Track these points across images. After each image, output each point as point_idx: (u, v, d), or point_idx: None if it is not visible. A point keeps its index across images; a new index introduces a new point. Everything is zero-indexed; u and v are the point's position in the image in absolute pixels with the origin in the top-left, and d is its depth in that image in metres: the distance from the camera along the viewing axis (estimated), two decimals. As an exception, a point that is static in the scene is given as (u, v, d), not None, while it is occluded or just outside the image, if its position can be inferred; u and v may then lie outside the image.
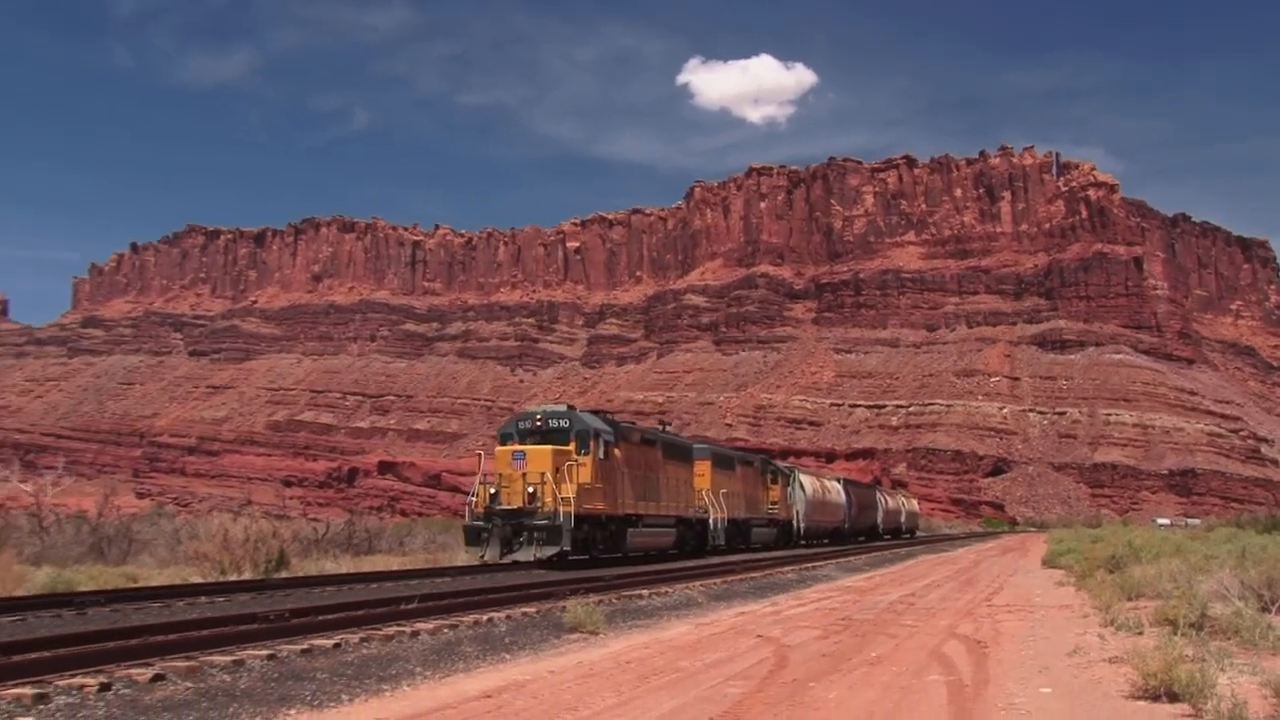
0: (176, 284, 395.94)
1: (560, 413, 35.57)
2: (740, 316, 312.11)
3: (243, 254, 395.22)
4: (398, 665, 12.98)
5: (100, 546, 35.03)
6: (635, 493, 37.90)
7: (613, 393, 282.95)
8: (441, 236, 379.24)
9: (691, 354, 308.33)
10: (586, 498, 32.90)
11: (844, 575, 35.92)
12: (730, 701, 10.90)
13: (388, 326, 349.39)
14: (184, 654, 12.40)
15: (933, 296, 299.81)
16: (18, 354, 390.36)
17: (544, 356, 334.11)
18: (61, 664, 11.30)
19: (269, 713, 10.25)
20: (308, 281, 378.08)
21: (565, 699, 11.03)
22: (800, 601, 24.72)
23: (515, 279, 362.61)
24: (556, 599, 20.70)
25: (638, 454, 39.01)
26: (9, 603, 18.57)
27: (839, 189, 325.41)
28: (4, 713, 9.56)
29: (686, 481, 44.88)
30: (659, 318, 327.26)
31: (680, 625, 18.85)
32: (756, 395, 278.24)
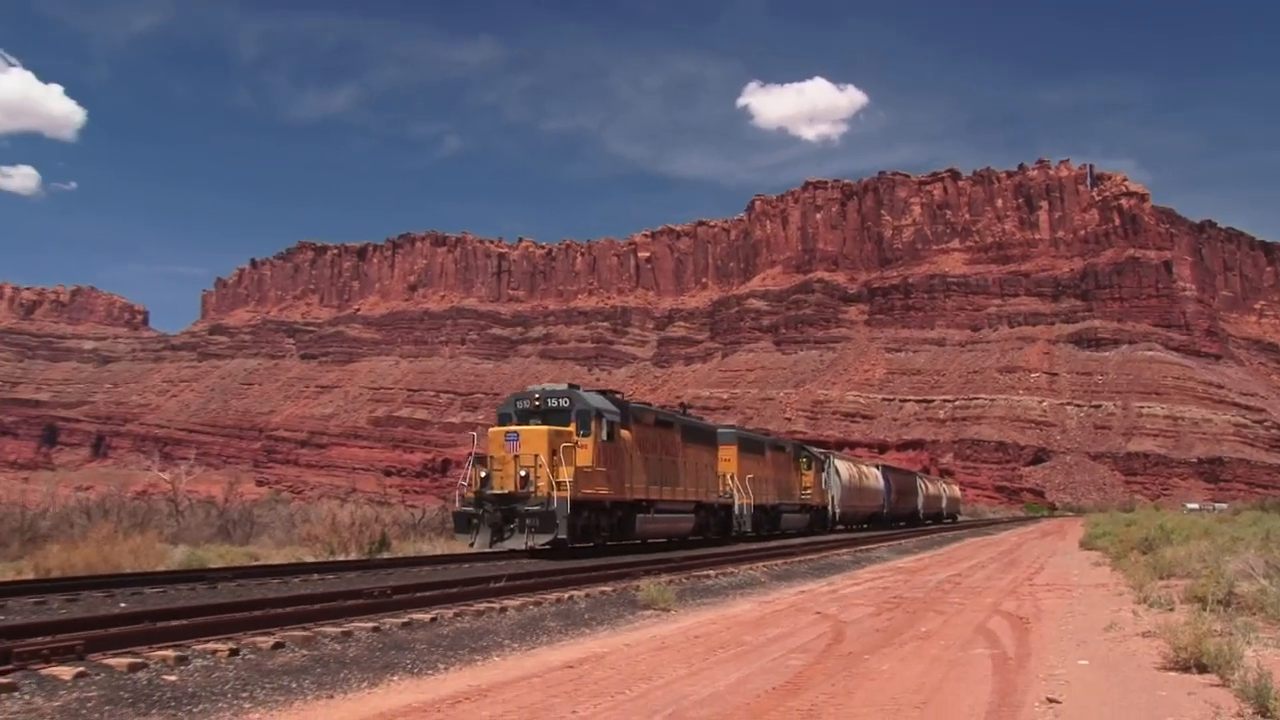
0: (290, 294, 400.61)
1: (560, 392, 30.79)
2: (798, 319, 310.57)
3: (347, 267, 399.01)
4: (488, 638, 13.07)
5: (226, 528, 35.54)
6: (649, 477, 33.47)
7: (681, 390, 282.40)
8: (524, 248, 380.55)
9: (753, 354, 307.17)
10: (587, 482, 28.78)
11: (895, 557, 35.65)
12: (792, 672, 10.90)
13: (476, 331, 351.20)
14: (300, 625, 12.62)
15: (976, 299, 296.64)
16: (156, 358, 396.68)
17: (618, 357, 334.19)
18: (197, 631, 11.59)
19: (375, 678, 10.40)
20: (405, 291, 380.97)
21: (640, 669, 11.08)
22: (855, 581, 24.60)
23: (591, 286, 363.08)
24: (631, 579, 20.73)
25: (652, 436, 34.49)
26: (154, 577, 19.00)
27: (889, 200, 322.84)
28: (152, 671, 9.82)
29: (709, 466, 40.11)
30: (723, 320, 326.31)
31: (745, 603, 18.82)
32: (814, 391, 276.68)
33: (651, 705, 9.14)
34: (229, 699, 9.18)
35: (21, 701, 8.61)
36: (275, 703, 9.21)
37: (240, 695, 9.32)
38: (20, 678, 9.17)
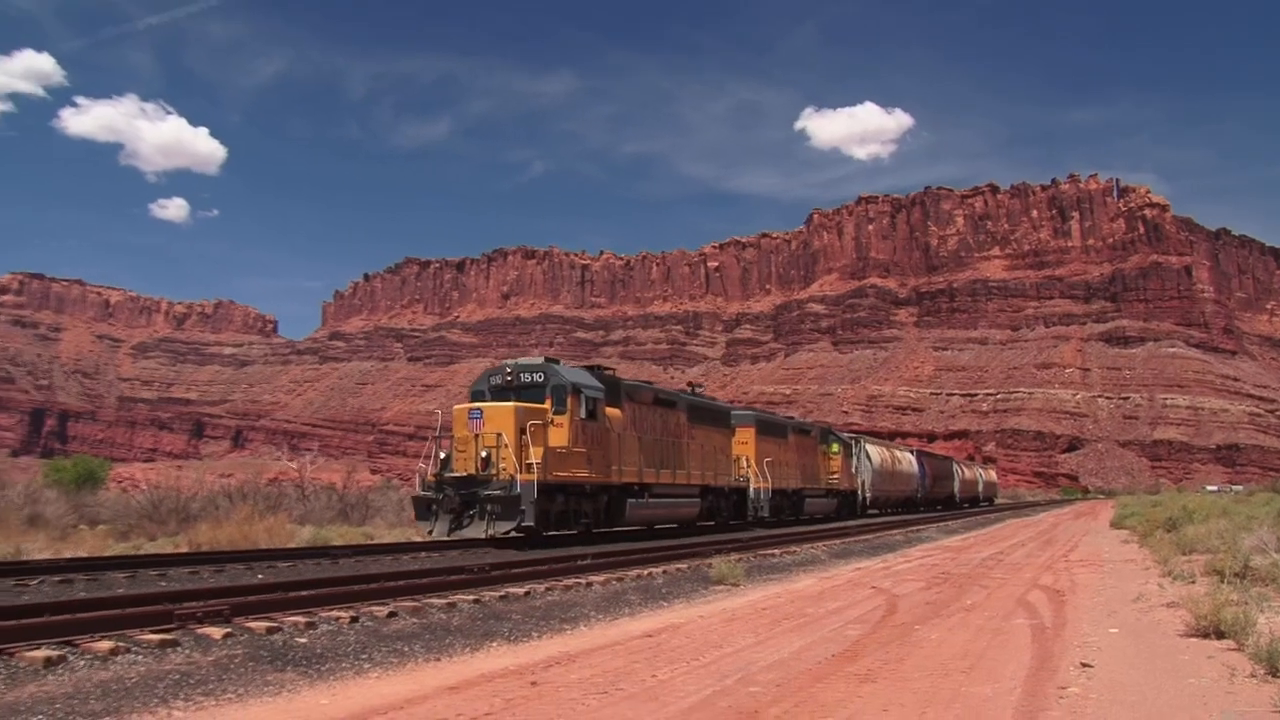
0: (398, 304, 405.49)
1: (534, 365, 25.65)
2: (854, 321, 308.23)
3: (448, 278, 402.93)
4: (575, 610, 13.15)
5: (345, 511, 36.09)
6: (645, 459, 28.59)
7: (748, 386, 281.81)
8: (605, 260, 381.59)
9: (813, 353, 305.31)
10: (560, 463, 23.95)
11: (943, 537, 35.31)
12: (849, 641, 10.88)
13: (562, 335, 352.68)
14: (410, 596, 12.81)
15: (1015, 301, 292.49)
16: (284, 362, 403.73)
17: (690, 357, 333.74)
18: (323, 600, 11.83)
19: (476, 644, 10.55)
20: (499, 299, 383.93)
21: (712, 638, 11.12)
22: (906, 559, 24.42)
23: (666, 293, 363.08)
24: (703, 557, 20.77)
25: (650, 416, 29.75)
26: (285, 553, 19.40)
27: (934, 212, 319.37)
28: (286, 634, 10.07)
29: (722, 449, 35.22)
30: (785, 323, 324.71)
31: (807, 578, 18.77)
32: (868, 387, 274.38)
33: (723, 670, 9.19)
34: (351, 659, 9.39)
35: (183, 655, 8.97)
36: (390, 664, 9.40)
37: (360, 656, 9.53)
38: (180, 635, 9.54)
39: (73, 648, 8.76)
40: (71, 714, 6.98)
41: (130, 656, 8.77)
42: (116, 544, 24.85)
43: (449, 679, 8.67)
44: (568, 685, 8.44)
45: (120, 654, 8.77)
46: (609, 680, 8.66)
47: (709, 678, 8.81)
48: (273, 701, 7.74)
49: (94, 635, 9.16)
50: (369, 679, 8.75)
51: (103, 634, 9.23)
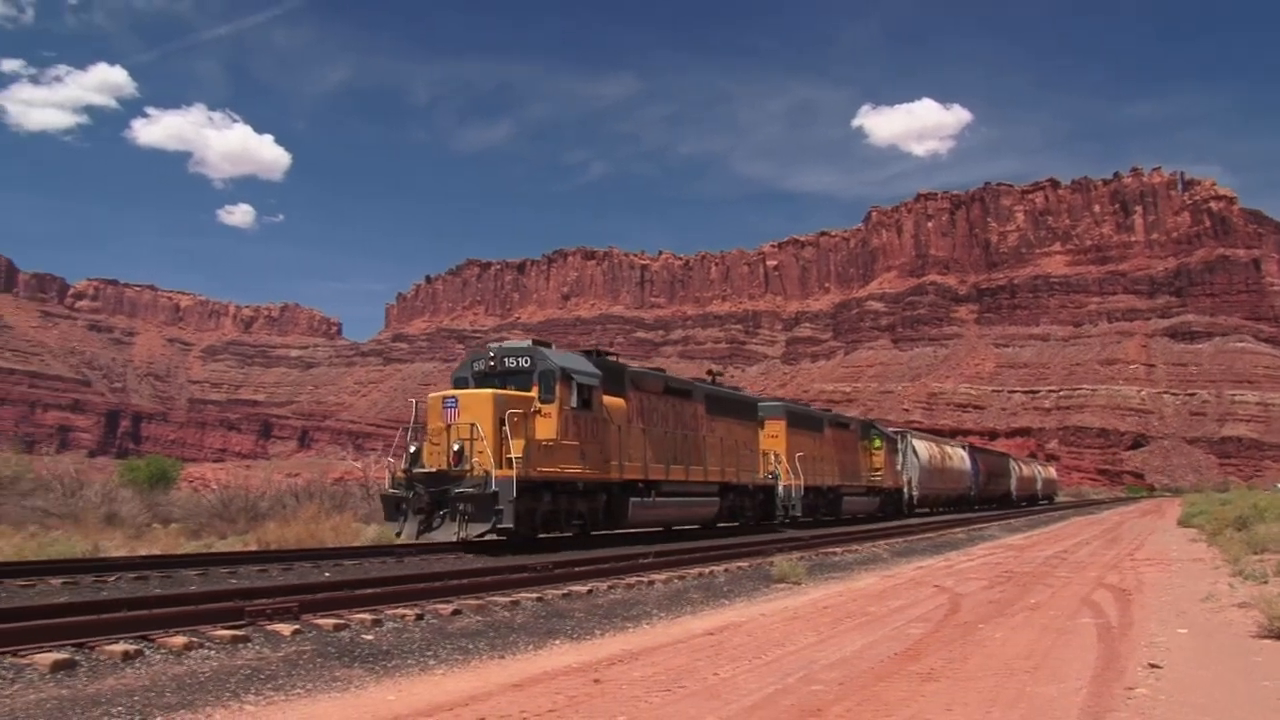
0: (460, 305, 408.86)
1: (520, 349, 23.05)
2: (913, 318, 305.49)
3: (508, 280, 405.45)
4: (638, 608, 13.19)
5: (409, 511, 36.31)
6: (653, 453, 25.90)
7: (808, 384, 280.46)
8: (665, 260, 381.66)
9: (873, 351, 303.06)
10: (546, 457, 21.39)
11: (1006, 535, 34.89)
12: (912, 640, 10.80)
13: (623, 335, 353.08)
14: (474, 595, 12.90)
15: (1077, 297, 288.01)
16: (348, 363, 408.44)
17: (750, 356, 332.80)
18: (389, 598, 11.97)
19: (539, 642, 10.61)
20: (559, 300, 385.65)
21: (774, 636, 11.09)
22: (969, 557, 24.19)
23: (725, 293, 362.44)
24: (765, 555, 20.71)
25: (661, 407, 26.88)
26: (351, 551, 19.64)
27: (994, 209, 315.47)
28: (353, 631, 10.21)
29: (747, 443, 32.31)
30: (845, 321, 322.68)
31: (869, 577, 18.66)
32: (929, 384, 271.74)
33: (785, 668, 9.16)
34: (416, 656, 9.49)
35: (253, 651, 9.14)
36: (455, 661, 9.48)
37: (425, 653, 9.63)
38: (251, 631, 9.71)
39: (149, 642, 8.96)
40: (149, 707, 7.13)
41: (203, 652, 8.95)
42: (188, 542, 25.35)
43: (513, 676, 8.74)
44: (630, 683, 8.47)
45: (194, 649, 8.95)
46: (671, 678, 8.67)
47: (771, 676, 8.79)
48: (340, 697, 7.85)
49: (169, 631, 9.35)
50: (434, 676, 8.84)
51: (177, 629, 9.43)
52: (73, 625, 9.07)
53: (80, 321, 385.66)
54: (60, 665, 7.99)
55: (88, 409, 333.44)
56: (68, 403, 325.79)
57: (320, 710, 7.37)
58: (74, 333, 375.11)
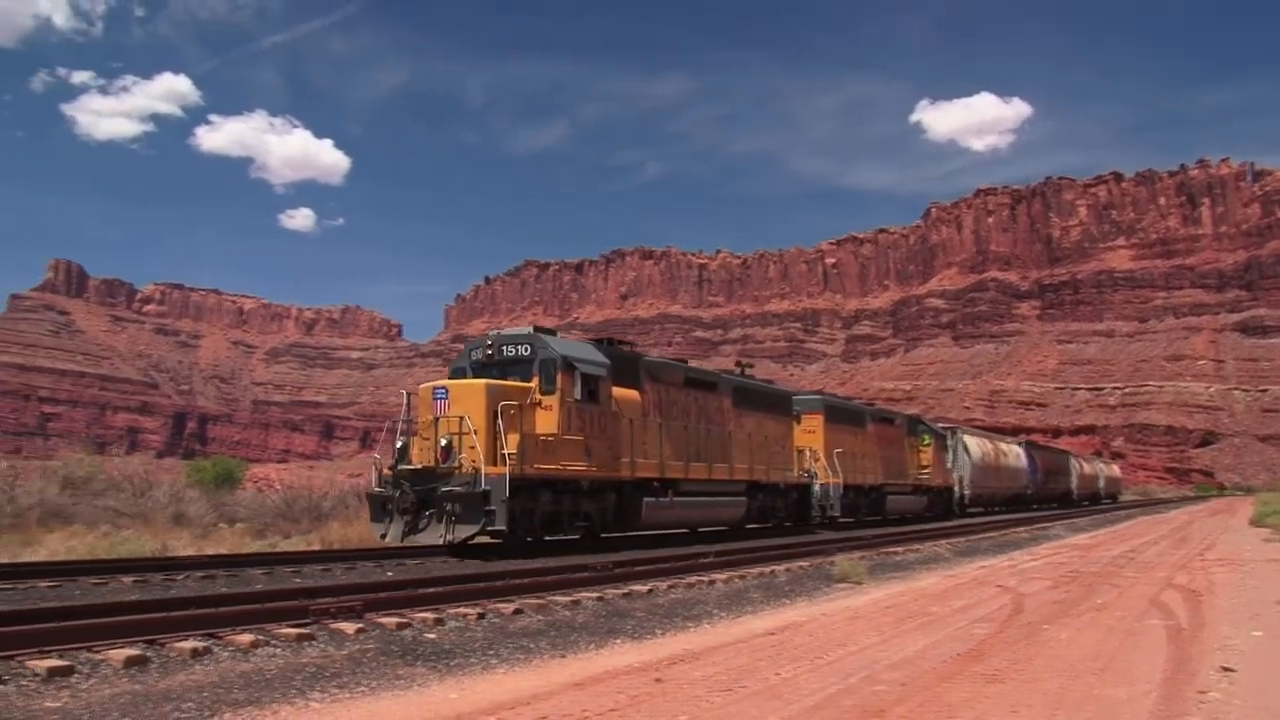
0: (518, 306, 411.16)
1: (520, 336, 21.43)
2: (974, 315, 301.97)
3: (566, 280, 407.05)
4: (698, 608, 13.20)
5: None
6: (672, 450, 24.28)
7: (867, 383, 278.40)
8: (722, 259, 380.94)
9: (933, 348, 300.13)
10: (545, 454, 19.80)
11: (1070, 534, 34.39)
12: (975, 640, 10.69)
13: (681, 334, 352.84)
14: (535, 594, 12.98)
15: (1143, 292, 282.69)
16: (408, 364, 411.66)
17: (809, 355, 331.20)
18: (450, 597, 12.11)
19: (600, 641, 10.65)
20: (617, 300, 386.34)
21: (836, 636, 11.04)
22: (1033, 557, 23.89)
23: (784, 291, 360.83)
24: (826, 555, 20.62)
25: (680, 400, 25.27)
26: (413, 550, 19.78)
27: (1056, 203, 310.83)
28: (416, 630, 10.33)
29: (780, 439, 30.65)
30: (905, 319, 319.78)
31: (930, 577, 18.51)
32: (990, 382, 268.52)
33: (847, 669, 9.10)
34: (478, 655, 9.56)
35: (318, 649, 9.28)
36: (517, 660, 9.54)
37: (488, 652, 9.69)
38: (315, 630, 9.86)
39: (217, 640, 9.13)
40: (218, 702, 7.26)
41: (269, 649, 9.11)
42: (253, 541, 25.76)
43: (574, 675, 8.77)
44: (692, 683, 8.47)
45: (260, 647, 9.11)
46: (733, 678, 8.66)
47: (833, 676, 8.75)
48: (404, 695, 7.93)
49: (236, 628, 9.54)
50: (496, 674, 8.90)
51: (244, 627, 9.61)
52: (144, 622, 9.28)
53: (148, 325, 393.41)
54: (133, 661, 8.19)
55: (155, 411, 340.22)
56: (136, 405, 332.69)
57: (384, 708, 7.45)
58: (142, 336, 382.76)
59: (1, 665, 7.72)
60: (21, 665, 7.81)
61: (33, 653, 8.08)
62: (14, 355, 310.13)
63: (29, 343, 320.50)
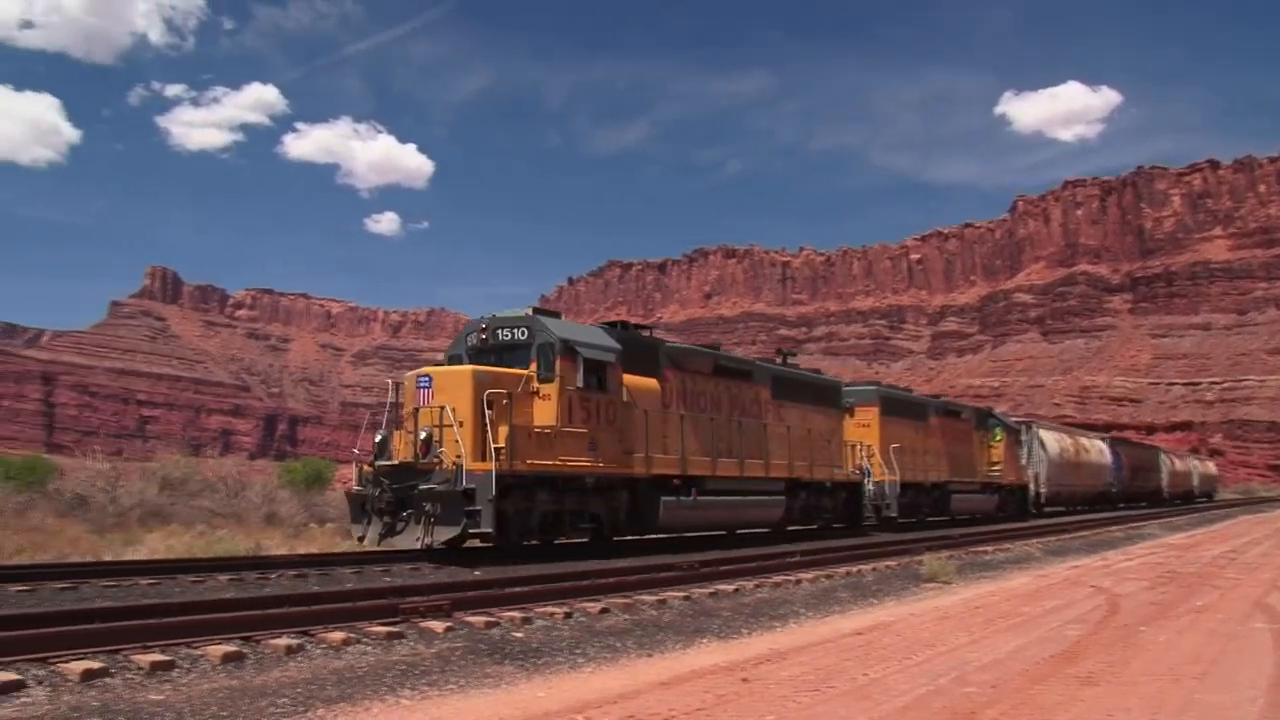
0: (602, 306, 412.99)
1: (517, 319, 19.55)
2: (1064, 310, 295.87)
3: (650, 280, 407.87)
4: (785, 607, 13.16)
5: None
6: (697, 444, 22.42)
7: (954, 380, 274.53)
8: (806, 256, 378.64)
9: (1021, 344, 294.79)
10: (541, 448, 18.10)
11: (1166, 534, 33.51)
12: (1069, 642, 10.49)
13: (765, 332, 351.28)
14: (621, 594, 13.06)
15: (1241, 284, 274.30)
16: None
17: (894, 352, 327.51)
18: (537, 597, 12.26)
19: (687, 641, 10.66)
20: (701, 299, 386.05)
21: (924, 637, 10.92)
22: (1127, 557, 23.35)
23: (868, 288, 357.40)
24: (913, 555, 20.41)
25: (709, 389, 23.42)
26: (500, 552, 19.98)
27: (1148, 193, 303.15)
28: (504, 629, 10.45)
29: (827, 434, 28.64)
30: (991, 314, 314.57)
31: (1021, 576, 18.22)
32: (1081, 378, 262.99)
33: (936, 670, 9.00)
34: (565, 654, 9.63)
35: (408, 647, 9.44)
36: (603, 659, 9.58)
37: (574, 651, 9.75)
38: (405, 628, 10.03)
39: (309, 637, 9.33)
40: (311, 699, 7.42)
41: (360, 647, 9.29)
42: (343, 541, 26.19)
43: (661, 674, 8.79)
44: (779, 682, 8.44)
45: (351, 644, 9.30)
46: (820, 678, 8.61)
47: (922, 677, 8.65)
48: (492, 693, 8.02)
49: (328, 626, 9.74)
50: (583, 673, 8.95)
51: (336, 625, 9.81)
52: (240, 620, 9.53)
53: (240, 330, 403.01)
54: (230, 657, 8.42)
55: (247, 413, 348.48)
56: (229, 408, 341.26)
57: (472, 705, 7.54)
58: (234, 340, 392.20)
59: (108, 658, 8.03)
60: (126, 659, 8.12)
61: (136, 647, 8.38)
62: (115, 360, 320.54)
63: (128, 348, 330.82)
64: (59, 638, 8.32)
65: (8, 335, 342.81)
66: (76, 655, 7.97)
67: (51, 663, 7.79)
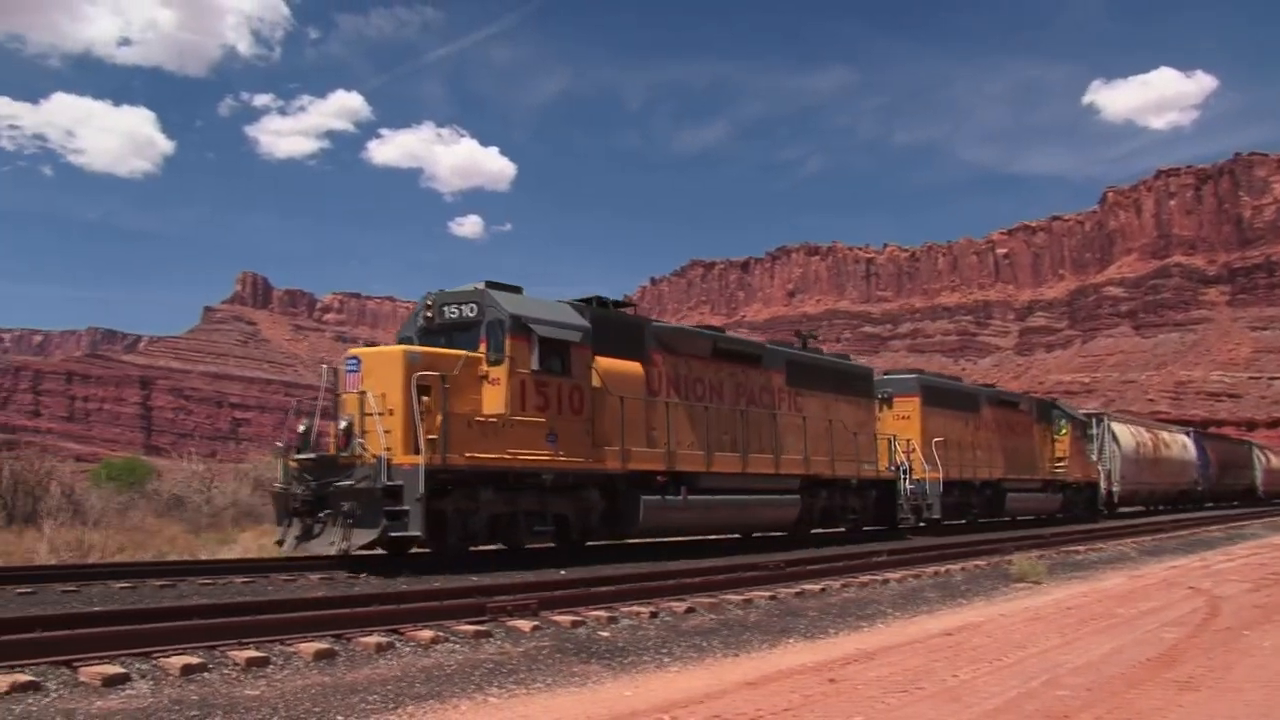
0: (685, 306, 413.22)
1: (465, 295, 17.46)
2: (1157, 303, 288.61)
3: (733, 279, 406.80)
4: (872, 607, 13.05)
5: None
6: (689, 435, 20.12)
7: (1043, 376, 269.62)
8: (890, 253, 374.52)
9: (1113, 339, 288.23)
10: (485, 439, 15.95)
11: (1270, 534, 32.46)
12: (1166, 645, 10.22)
13: (850, 330, 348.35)
14: (707, 593, 13.06)
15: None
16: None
17: (981, 348, 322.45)
18: (623, 596, 12.33)
19: (773, 641, 10.61)
20: (784, 297, 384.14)
21: (1015, 638, 10.74)
22: (1228, 557, 22.69)
23: (954, 284, 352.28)
24: (1003, 554, 20.10)
25: (707, 375, 21.12)
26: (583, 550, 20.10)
27: (1246, 181, 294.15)
28: (590, 628, 10.52)
29: (857, 425, 25.88)
30: (1081, 309, 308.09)
31: (1115, 577, 17.82)
32: (1176, 373, 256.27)
33: (1027, 671, 8.84)
34: (651, 653, 9.64)
35: (495, 646, 9.52)
36: (689, 658, 9.58)
37: (660, 651, 9.76)
38: (492, 627, 10.13)
39: (399, 636, 9.48)
40: (401, 696, 7.53)
41: (448, 645, 9.41)
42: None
43: (747, 674, 8.77)
44: (866, 683, 8.37)
45: (440, 643, 9.43)
46: (908, 679, 8.52)
47: (1013, 679, 8.51)
48: (578, 692, 8.06)
49: (416, 625, 9.88)
50: (669, 673, 8.96)
51: (424, 624, 9.95)
52: (331, 618, 9.72)
53: (328, 333, 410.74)
54: (321, 654, 8.59)
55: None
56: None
57: (559, 704, 7.59)
58: (322, 344, 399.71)
59: (205, 654, 8.26)
60: (223, 655, 8.35)
61: (232, 643, 8.61)
62: (209, 364, 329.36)
63: (221, 352, 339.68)
64: (160, 633, 8.60)
65: (108, 341, 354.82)
66: (177, 650, 8.22)
67: (153, 657, 8.06)
